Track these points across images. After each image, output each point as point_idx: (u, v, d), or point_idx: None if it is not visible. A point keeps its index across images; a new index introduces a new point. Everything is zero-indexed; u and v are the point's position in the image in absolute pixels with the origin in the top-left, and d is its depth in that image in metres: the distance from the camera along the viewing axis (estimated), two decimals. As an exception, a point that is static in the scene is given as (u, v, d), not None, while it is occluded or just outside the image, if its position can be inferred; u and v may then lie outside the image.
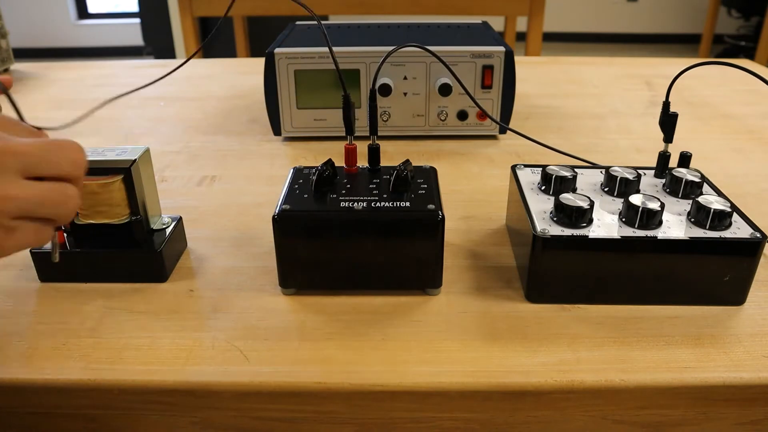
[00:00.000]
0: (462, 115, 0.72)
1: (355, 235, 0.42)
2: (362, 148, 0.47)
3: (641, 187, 0.48)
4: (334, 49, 0.69)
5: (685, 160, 0.50)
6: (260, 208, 0.58)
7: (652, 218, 0.42)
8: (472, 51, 0.69)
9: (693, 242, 0.41)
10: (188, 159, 0.69)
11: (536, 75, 1.02)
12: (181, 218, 0.50)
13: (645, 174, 0.50)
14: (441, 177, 0.48)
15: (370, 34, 0.80)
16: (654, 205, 0.42)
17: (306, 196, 0.44)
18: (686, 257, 0.41)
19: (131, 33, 4.11)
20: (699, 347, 0.39)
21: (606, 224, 0.42)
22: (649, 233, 0.41)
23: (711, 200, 0.42)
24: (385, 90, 0.69)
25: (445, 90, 0.69)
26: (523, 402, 0.37)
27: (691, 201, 0.44)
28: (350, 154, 0.47)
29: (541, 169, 0.50)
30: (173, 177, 0.64)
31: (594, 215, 0.43)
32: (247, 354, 0.39)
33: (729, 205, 0.42)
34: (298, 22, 0.88)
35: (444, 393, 0.37)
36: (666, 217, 0.43)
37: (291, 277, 0.44)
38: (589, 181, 0.49)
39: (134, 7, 3.73)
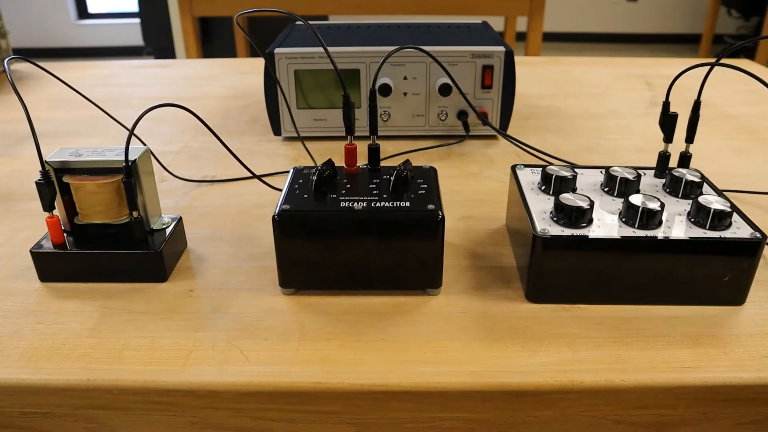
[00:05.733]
0: (462, 115, 0.72)
1: (354, 235, 0.42)
2: (362, 148, 0.47)
3: (641, 187, 0.48)
4: (335, 49, 0.69)
5: (685, 160, 0.50)
6: (260, 208, 0.58)
7: (652, 218, 0.42)
8: (472, 51, 0.69)
9: (693, 242, 0.41)
10: (188, 159, 0.69)
11: (536, 75, 1.02)
12: (181, 218, 0.50)
13: (645, 174, 0.50)
14: (441, 177, 0.48)
15: (370, 34, 0.80)
16: (654, 205, 0.42)
17: (306, 196, 0.44)
18: (686, 257, 0.41)
19: (131, 33, 4.11)
20: (699, 347, 0.39)
21: (606, 224, 0.42)
22: (649, 233, 0.41)
23: (711, 200, 0.42)
24: (385, 90, 0.69)
25: (445, 90, 0.69)
26: (523, 402, 0.37)
27: (691, 201, 0.44)
28: (350, 154, 0.47)
29: (541, 169, 0.50)
30: (173, 177, 0.64)
31: (594, 215, 0.43)
32: (247, 354, 0.39)
33: (729, 205, 0.42)
34: (298, 22, 0.88)
35: (444, 393, 0.37)
36: (666, 217, 0.43)
37: (291, 277, 0.44)
38: (589, 181, 0.49)
39: (134, 7, 3.73)
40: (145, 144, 0.49)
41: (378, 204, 0.42)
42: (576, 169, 0.49)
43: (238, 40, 2.27)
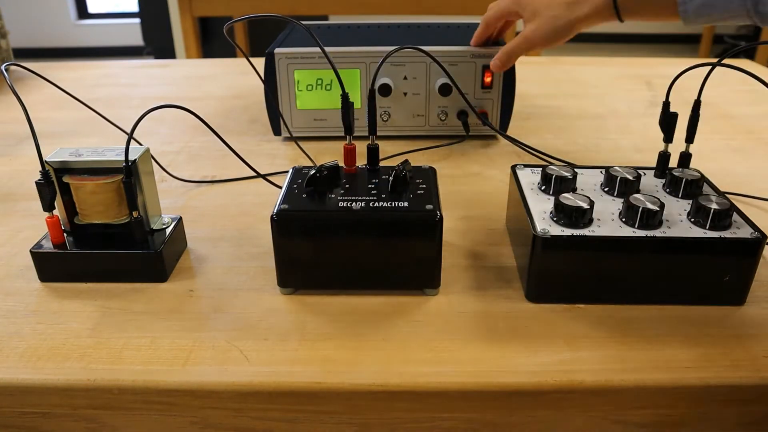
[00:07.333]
0: (462, 115, 0.72)
1: (353, 235, 0.42)
2: (362, 148, 0.47)
3: (641, 187, 0.48)
4: (335, 49, 0.69)
5: (684, 160, 0.50)
6: (260, 208, 0.58)
7: (652, 218, 0.42)
8: (472, 51, 0.69)
9: (693, 242, 0.41)
10: (188, 159, 0.69)
11: (536, 75, 1.01)
12: (181, 218, 0.50)
13: (645, 174, 0.50)
14: (441, 177, 0.48)
15: (370, 34, 0.80)
16: (654, 205, 0.42)
17: (305, 195, 0.44)
18: (686, 257, 0.41)
19: (131, 33, 4.11)
20: (699, 347, 0.39)
21: (606, 224, 0.42)
22: (649, 233, 0.41)
23: (711, 200, 0.42)
24: (385, 90, 0.69)
25: (445, 90, 0.69)
26: (523, 402, 0.37)
27: (691, 201, 0.44)
28: (349, 154, 0.47)
29: (541, 169, 0.50)
30: (173, 177, 0.64)
31: (594, 215, 0.43)
32: (247, 354, 0.39)
33: (729, 205, 0.42)
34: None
35: (444, 393, 0.37)
36: (666, 217, 0.43)
37: (289, 277, 0.44)
38: (589, 181, 0.49)
39: (134, 7, 3.73)
40: (142, 145, 0.49)
41: (376, 204, 0.42)
42: (576, 169, 0.49)
43: (237, 41, 2.27)
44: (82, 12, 4.38)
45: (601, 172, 0.50)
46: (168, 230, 0.48)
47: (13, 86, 0.40)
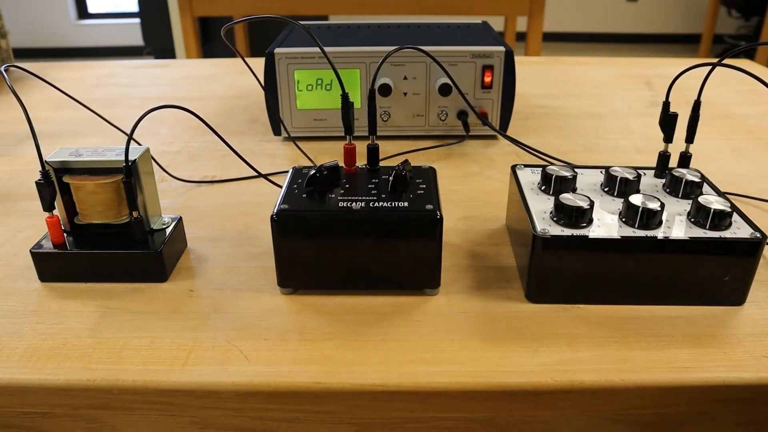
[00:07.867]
0: (462, 115, 0.72)
1: (353, 235, 0.42)
2: (362, 148, 0.47)
3: (641, 187, 0.48)
4: (335, 49, 0.69)
5: (684, 160, 0.50)
6: (260, 208, 0.58)
7: (652, 218, 0.42)
8: (472, 51, 0.69)
9: (693, 242, 0.41)
10: (188, 159, 0.69)
11: (536, 75, 1.02)
12: (181, 218, 0.50)
13: (645, 174, 0.50)
14: (441, 177, 0.48)
15: (370, 34, 0.80)
16: (654, 205, 0.42)
17: (305, 195, 0.44)
18: (686, 257, 0.41)
19: (131, 33, 4.11)
20: (699, 347, 0.39)
21: (606, 224, 0.42)
22: (649, 233, 0.41)
23: (711, 200, 0.42)
24: (385, 90, 0.69)
25: (445, 90, 0.69)
26: (523, 402, 0.37)
27: (691, 201, 0.44)
28: (349, 154, 0.47)
29: (541, 169, 0.50)
30: (173, 177, 0.64)
31: (594, 215, 0.43)
32: (247, 354, 0.39)
33: (729, 205, 0.42)
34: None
35: (444, 393, 0.37)
36: (666, 217, 0.43)
37: (289, 277, 0.44)
38: (589, 181, 0.49)
39: (134, 7, 3.73)
40: (141, 145, 0.49)
41: (376, 204, 0.42)
42: (576, 169, 0.49)
43: (237, 41, 2.27)
44: (82, 12, 4.38)
45: (601, 172, 0.50)
46: (168, 230, 0.48)
47: (13, 87, 0.40)
